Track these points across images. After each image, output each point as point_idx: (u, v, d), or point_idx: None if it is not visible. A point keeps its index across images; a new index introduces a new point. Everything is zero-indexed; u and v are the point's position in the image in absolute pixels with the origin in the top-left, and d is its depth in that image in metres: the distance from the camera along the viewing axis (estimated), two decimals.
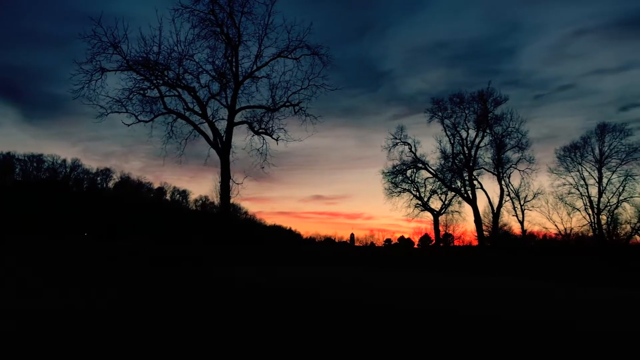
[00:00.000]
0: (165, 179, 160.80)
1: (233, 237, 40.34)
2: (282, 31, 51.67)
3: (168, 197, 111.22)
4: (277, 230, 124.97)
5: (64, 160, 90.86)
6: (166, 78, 36.43)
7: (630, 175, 52.65)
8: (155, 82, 36.19)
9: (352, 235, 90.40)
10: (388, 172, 61.74)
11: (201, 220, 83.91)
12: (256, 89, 39.21)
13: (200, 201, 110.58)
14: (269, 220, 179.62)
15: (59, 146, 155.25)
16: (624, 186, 53.14)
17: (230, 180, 37.62)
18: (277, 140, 38.87)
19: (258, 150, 39.28)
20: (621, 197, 53.38)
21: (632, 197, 52.89)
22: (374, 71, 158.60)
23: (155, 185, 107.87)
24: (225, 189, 37.46)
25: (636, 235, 54.45)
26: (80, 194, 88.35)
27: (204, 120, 37.91)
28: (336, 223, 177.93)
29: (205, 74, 37.82)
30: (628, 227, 54.52)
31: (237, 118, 38.85)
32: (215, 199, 62.97)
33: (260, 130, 39.20)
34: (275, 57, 37.78)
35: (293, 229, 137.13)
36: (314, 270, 23.08)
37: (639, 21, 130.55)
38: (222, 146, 37.54)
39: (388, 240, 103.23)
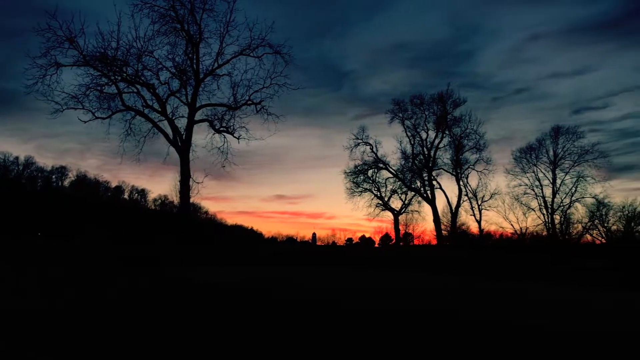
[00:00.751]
0: (124, 178, 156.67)
1: (193, 237, 39.78)
2: (244, 29, 51.47)
3: (126, 196, 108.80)
4: (239, 230, 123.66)
5: (17, 158, 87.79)
6: (124, 74, 35.61)
7: (582, 177, 54.50)
8: (113, 78, 35.28)
9: (314, 234, 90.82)
10: (350, 172, 62.45)
11: (160, 219, 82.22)
12: (217, 86, 38.69)
13: (160, 200, 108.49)
14: (230, 220, 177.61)
15: (10, 143, 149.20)
16: (576, 187, 55.03)
17: (190, 179, 37.10)
18: (238, 138, 38.71)
19: (219, 148, 39.04)
20: (573, 198, 55.28)
21: (583, 197, 54.86)
22: (336, 71, 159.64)
23: (113, 184, 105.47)
24: (185, 188, 36.88)
25: (587, 235, 56.72)
26: (33, 192, 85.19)
27: (164, 118, 37.24)
28: (298, 222, 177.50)
29: (165, 71, 37.18)
30: (580, 226, 56.69)
31: (198, 116, 38.45)
32: (174, 198, 61.93)
33: (221, 129, 38.89)
34: (236, 55, 37.56)
35: (255, 228, 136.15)
36: (271, 271, 23.08)
37: (592, 27, 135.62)
38: (182, 144, 36.94)
39: (349, 240, 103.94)
